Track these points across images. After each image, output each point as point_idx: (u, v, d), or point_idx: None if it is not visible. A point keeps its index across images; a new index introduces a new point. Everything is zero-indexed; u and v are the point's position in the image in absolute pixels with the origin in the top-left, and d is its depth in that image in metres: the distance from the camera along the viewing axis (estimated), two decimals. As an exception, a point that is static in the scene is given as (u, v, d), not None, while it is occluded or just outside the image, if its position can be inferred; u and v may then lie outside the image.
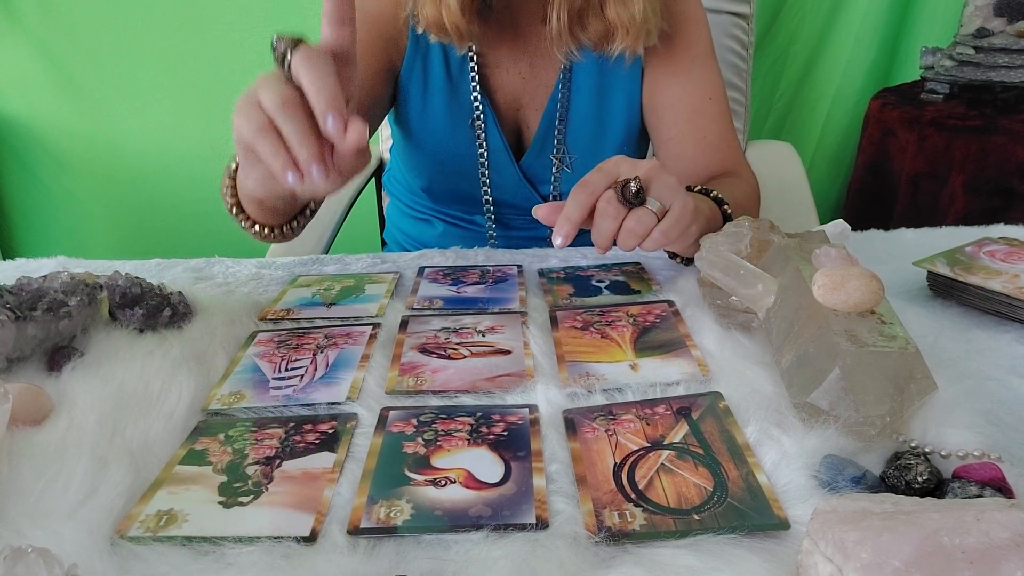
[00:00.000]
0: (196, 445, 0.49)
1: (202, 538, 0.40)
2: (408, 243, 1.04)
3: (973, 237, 0.71)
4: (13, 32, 1.74)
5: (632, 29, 0.78)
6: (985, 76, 1.63)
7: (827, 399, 0.45)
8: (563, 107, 0.88)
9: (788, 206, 1.23)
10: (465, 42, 0.82)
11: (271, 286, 0.75)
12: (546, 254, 0.81)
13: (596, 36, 0.80)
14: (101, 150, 1.86)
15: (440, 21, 0.79)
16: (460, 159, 0.90)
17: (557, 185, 0.92)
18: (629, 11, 0.78)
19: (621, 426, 0.49)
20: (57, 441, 0.46)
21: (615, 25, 0.79)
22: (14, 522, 0.40)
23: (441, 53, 0.86)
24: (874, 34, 1.81)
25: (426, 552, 0.39)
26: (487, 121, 0.88)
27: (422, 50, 0.86)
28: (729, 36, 1.30)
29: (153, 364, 0.55)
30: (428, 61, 0.87)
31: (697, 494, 0.42)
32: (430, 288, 0.72)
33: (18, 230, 1.99)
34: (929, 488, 0.41)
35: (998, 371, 0.55)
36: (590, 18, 0.79)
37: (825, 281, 0.49)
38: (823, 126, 1.91)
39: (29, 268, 0.78)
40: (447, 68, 0.87)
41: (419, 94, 0.88)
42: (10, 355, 0.55)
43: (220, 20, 1.74)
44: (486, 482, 0.44)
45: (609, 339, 0.60)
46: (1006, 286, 0.61)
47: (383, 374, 0.57)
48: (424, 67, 0.87)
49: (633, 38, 0.79)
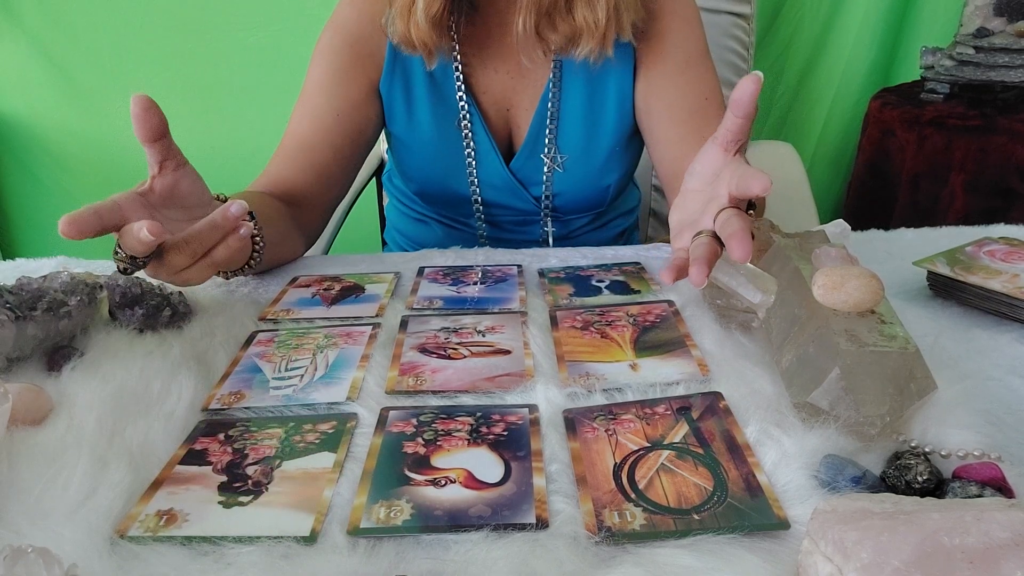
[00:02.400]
0: (196, 445, 0.49)
1: (202, 538, 0.40)
2: (407, 244, 1.04)
3: (973, 237, 0.71)
4: (13, 32, 1.74)
5: (596, 34, 0.79)
6: (985, 76, 1.63)
7: (827, 399, 0.45)
8: (554, 107, 0.88)
9: (788, 206, 1.23)
10: (435, 58, 0.82)
11: (271, 286, 0.75)
12: (546, 254, 0.81)
13: (563, 39, 0.80)
14: (101, 150, 1.86)
15: (408, 37, 0.80)
16: (449, 161, 0.90)
17: (549, 186, 0.91)
18: (594, 14, 0.78)
19: (621, 426, 0.49)
20: (57, 441, 0.46)
21: (582, 28, 0.79)
22: (14, 522, 0.40)
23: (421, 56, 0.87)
24: (874, 34, 1.81)
25: (426, 552, 0.39)
26: (473, 122, 0.88)
27: (401, 57, 0.86)
28: (729, 36, 1.30)
29: (153, 364, 0.55)
30: (409, 67, 0.87)
31: (697, 494, 0.42)
32: (430, 288, 0.72)
33: (18, 230, 1.99)
34: (929, 488, 0.41)
35: (998, 371, 0.55)
36: (557, 21, 0.79)
37: (825, 281, 0.49)
38: (823, 126, 1.91)
39: (29, 268, 0.78)
40: (429, 71, 0.87)
41: (403, 101, 0.88)
42: (10, 355, 0.55)
43: (220, 20, 1.74)
44: (486, 482, 0.44)
45: (609, 339, 0.60)
46: (1006, 286, 0.61)
47: (383, 374, 0.57)
48: (405, 74, 0.87)
49: (597, 42, 0.79)
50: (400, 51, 0.84)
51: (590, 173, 0.90)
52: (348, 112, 0.86)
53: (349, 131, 0.86)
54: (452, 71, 0.87)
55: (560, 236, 0.97)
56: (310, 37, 0.89)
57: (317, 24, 0.89)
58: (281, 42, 1.74)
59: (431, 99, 0.88)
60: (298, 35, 1.72)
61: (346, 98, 0.86)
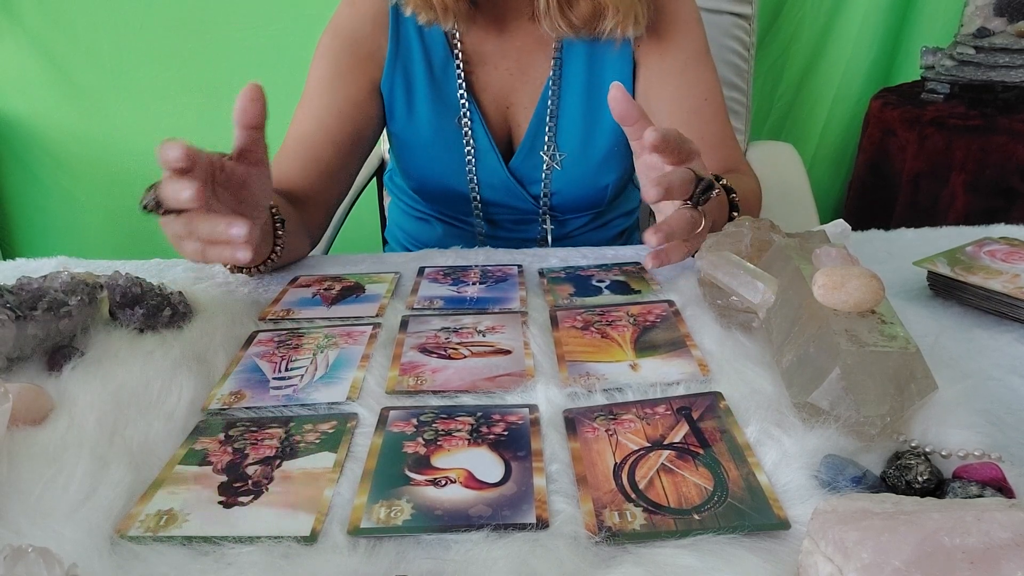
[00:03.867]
0: (196, 445, 0.49)
1: (202, 538, 0.40)
2: (408, 242, 1.04)
3: (973, 237, 0.71)
4: (13, 32, 1.74)
5: (623, 7, 0.79)
6: (986, 76, 1.63)
7: (827, 399, 0.45)
8: (553, 105, 0.88)
9: (788, 206, 1.23)
10: (450, 18, 0.81)
11: (271, 286, 0.75)
12: (546, 254, 0.81)
13: (586, 14, 0.80)
14: (101, 150, 1.86)
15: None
16: (448, 160, 0.90)
17: (548, 184, 0.91)
18: None
19: (621, 426, 0.49)
20: (57, 441, 0.46)
21: (606, 3, 0.79)
22: (14, 522, 0.40)
23: (422, 54, 0.87)
24: (874, 34, 1.81)
25: (426, 552, 0.39)
26: (473, 119, 0.88)
27: (402, 56, 0.86)
28: (730, 36, 1.30)
29: (153, 364, 0.55)
30: (409, 65, 0.87)
31: (697, 494, 0.42)
32: (430, 288, 0.72)
33: (18, 230, 1.99)
34: (929, 488, 0.41)
35: (998, 371, 0.55)
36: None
37: (825, 281, 0.49)
38: (823, 126, 1.91)
39: (29, 268, 0.78)
40: (430, 69, 0.87)
41: (403, 100, 0.88)
42: (10, 355, 0.55)
43: (220, 20, 1.74)
44: (486, 482, 0.44)
45: (609, 339, 0.60)
46: (1006, 286, 0.61)
47: (383, 374, 0.57)
48: (406, 71, 0.87)
49: (624, 15, 0.79)
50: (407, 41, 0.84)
51: (588, 172, 0.90)
52: (349, 112, 0.86)
53: (351, 131, 0.87)
54: (453, 69, 0.87)
55: (559, 236, 0.97)
56: (310, 37, 0.89)
57: (317, 24, 0.89)
58: (281, 42, 1.74)
59: (431, 97, 0.88)
60: (298, 35, 1.72)
61: (347, 98, 0.86)
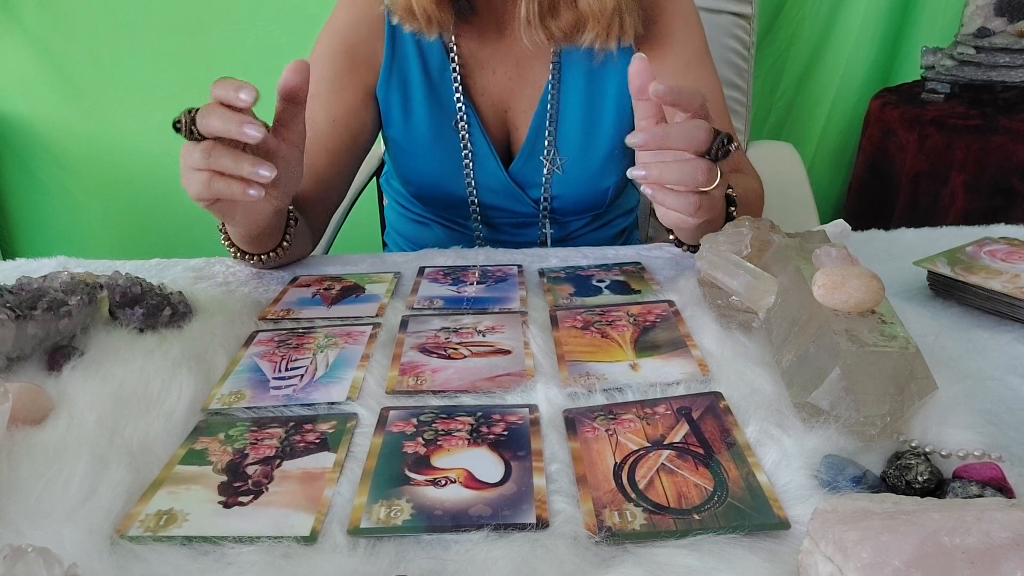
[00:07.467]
0: (196, 445, 0.49)
1: (202, 538, 0.40)
2: (407, 245, 1.04)
3: (973, 237, 0.71)
4: (13, 32, 1.74)
5: (603, 19, 0.78)
6: (986, 76, 1.63)
7: (827, 399, 0.45)
8: (553, 108, 0.87)
9: (788, 206, 1.23)
10: (434, 28, 0.81)
11: (271, 286, 0.75)
12: (546, 254, 0.81)
13: (567, 26, 0.80)
14: (101, 150, 1.86)
15: (409, 5, 0.79)
16: (445, 164, 0.90)
17: (548, 188, 0.91)
18: (600, 1, 0.78)
19: (621, 426, 0.49)
20: (57, 441, 0.46)
21: (586, 15, 0.79)
22: (14, 522, 0.40)
23: (418, 58, 0.86)
24: (874, 34, 1.81)
25: (426, 552, 0.39)
26: (470, 123, 0.88)
27: (398, 60, 0.86)
28: (730, 36, 1.30)
29: (153, 364, 0.55)
30: (406, 69, 0.87)
31: (697, 494, 0.42)
32: (430, 288, 0.72)
33: (18, 230, 1.99)
34: (929, 488, 0.41)
35: (998, 371, 0.55)
36: (562, 8, 0.79)
37: (825, 281, 0.49)
38: (824, 126, 1.91)
39: (29, 268, 0.78)
40: (426, 73, 0.86)
41: (400, 104, 0.88)
42: (10, 354, 0.55)
43: (220, 20, 1.74)
44: (486, 482, 0.44)
45: (609, 339, 0.60)
46: (1006, 286, 0.61)
47: (383, 374, 0.57)
48: (402, 76, 0.87)
49: (603, 28, 0.79)
50: (402, 45, 0.83)
51: (589, 175, 0.90)
52: (344, 118, 0.86)
53: (345, 136, 0.86)
54: (449, 72, 0.87)
55: (559, 238, 0.97)
56: (309, 37, 0.89)
57: (316, 24, 0.89)
58: (280, 42, 1.74)
59: (428, 102, 0.87)
60: (297, 35, 1.72)
61: (342, 104, 0.85)
